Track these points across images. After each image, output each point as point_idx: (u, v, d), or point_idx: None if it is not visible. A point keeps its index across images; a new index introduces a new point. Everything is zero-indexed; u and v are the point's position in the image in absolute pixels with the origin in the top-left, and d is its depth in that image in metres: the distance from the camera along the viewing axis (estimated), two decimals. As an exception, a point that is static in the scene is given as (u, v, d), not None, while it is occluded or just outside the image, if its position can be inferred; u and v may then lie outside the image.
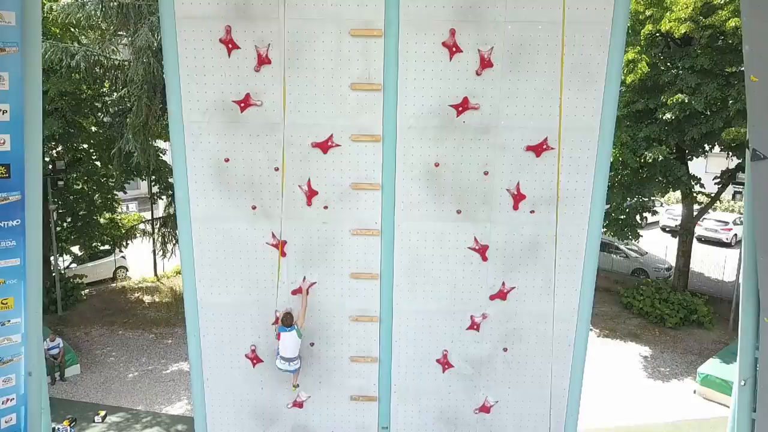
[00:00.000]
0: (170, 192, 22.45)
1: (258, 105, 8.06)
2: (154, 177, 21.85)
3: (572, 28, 7.68)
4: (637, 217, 20.70)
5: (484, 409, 9.33)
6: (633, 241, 25.44)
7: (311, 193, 8.45)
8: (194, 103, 8.13)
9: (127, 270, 25.76)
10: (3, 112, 8.71)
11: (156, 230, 23.16)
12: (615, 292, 23.26)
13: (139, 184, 31.21)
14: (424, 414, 9.41)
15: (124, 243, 24.16)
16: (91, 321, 20.17)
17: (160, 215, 24.48)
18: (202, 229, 8.66)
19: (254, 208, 8.53)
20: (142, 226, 25.53)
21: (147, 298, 22.85)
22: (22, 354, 10.78)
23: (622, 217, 20.45)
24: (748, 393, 10.72)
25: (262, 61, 7.92)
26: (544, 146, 8.14)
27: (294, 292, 8.76)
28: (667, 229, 33.08)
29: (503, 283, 8.75)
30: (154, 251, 24.66)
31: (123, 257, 25.69)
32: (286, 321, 8.43)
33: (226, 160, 8.34)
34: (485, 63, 7.90)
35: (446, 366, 9.16)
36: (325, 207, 8.50)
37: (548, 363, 9.08)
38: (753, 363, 10.44)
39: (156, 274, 25.44)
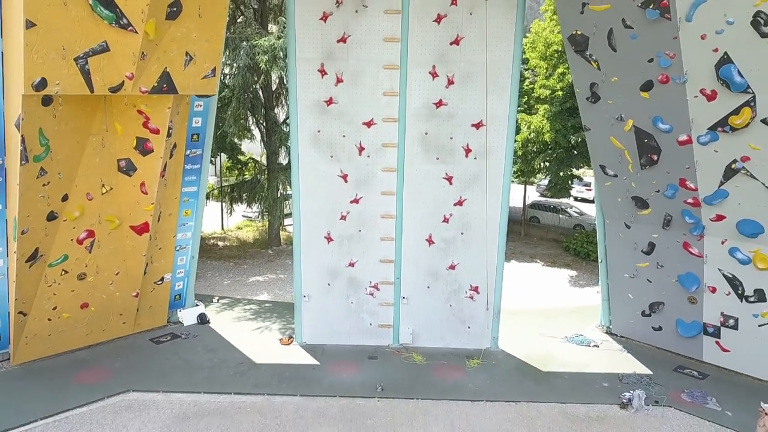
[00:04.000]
0: (239, 166, 29.11)
1: (336, 103, 14.82)
2: (229, 155, 28.36)
3: (492, 64, 14.27)
4: (570, 182, 27.46)
5: (452, 267, 15.90)
6: (572, 203, 32.25)
7: (361, 149, 15.12)
8: (303, 102, 14.80)
9: (200, 226, 32.36)
10: (200, 106, 15.50)
11: (226, 194, 29.66)
12: (559, 240, 29.91)
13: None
14: (419, 270, 15.93)
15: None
16: (185, 256, 26.69)
17: (226, 184, 31.07)
18: (304, 169, 15.29)
19: (332, 156, 15.20)
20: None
21: (220, 243, 29.51)
22: (190, 244, 17.53)
23: (559, 183, 27.16)
24: (604, 268, 17.45)
25: (339, 80, 14.64)
26: (480, 124, 14.85)
27: None
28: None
29: (460, 197, 15.35)
30: (222, 210, 31.35)
31: (197, 216, 32.24)
32: None
33: (318, 131, 15.07)
34: (450, 82, 14.57)
35: (431, 243, 15.80)
36: (368, 156, 15.16)
37: (485, 241, 15.69)
38: (605, 249, 17.15)
39: (223, 228, 32.17)
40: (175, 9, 12.13)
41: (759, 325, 14.18)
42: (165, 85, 12.81)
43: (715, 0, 11.25)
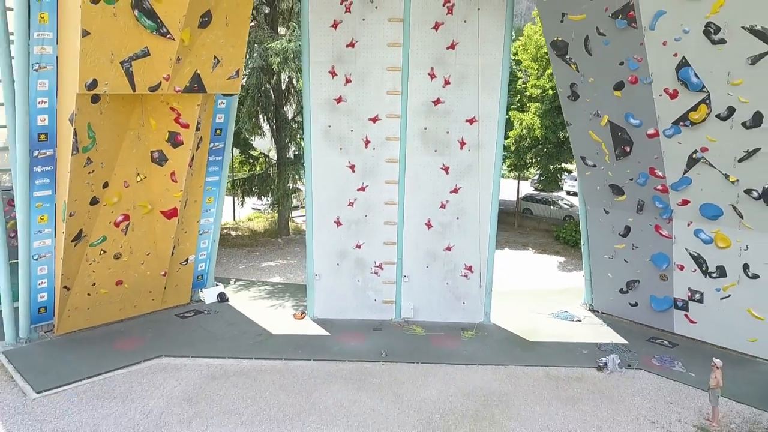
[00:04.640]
0: (251, 161, 30.69)
1: (345, 101, 16.41)
2: (241, 150, 29.87)
3: (484, 67, 15.83)
4: (559, 175, 29.05)
5: (448, 249, 17.45)
6: (563, 195, 33.80)
7: (367, 142, 16.72)
8: (316, 99, 16.37)
9: (212, 217, 33.99)
10: (223, 103, 17.10)
11: (238, 187, 31.21)
12: (550, 230, 31.51)
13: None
14: (419, 251, 17.46)
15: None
16: (200, 244, 28.27)
17: (237, 178, 32.60)
18: (316, 161, 16.87)
19: (341, 149, 16.80)
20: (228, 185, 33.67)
21: (233, 233, 31.12)
22: (212, 229, 19.11)
23: (549, 176, 28.74)
24: (586, 250, 19.01)
25: (347, 81, 16.21)
26: (474, 120, 16.43)
27: None
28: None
29: (456, 185, 16.93)
30: (234, 202, 32.94)
31: (210, 208, 33.85)
32: None
33: (329, 126, 16.66)
34: (447, 82, 16.16)
35: (429, 227, 17.35)
36: (374, 148, 16.74)
37: (477, 226, 17.26)
38: (587, 233, 18.71)
39: (234, 219, 33.77)
40: (206, 18, 13.74)
41: (721, 299, 15.75)
42: (195, 85, 14.41)
43: (674, 12, 12.84)
